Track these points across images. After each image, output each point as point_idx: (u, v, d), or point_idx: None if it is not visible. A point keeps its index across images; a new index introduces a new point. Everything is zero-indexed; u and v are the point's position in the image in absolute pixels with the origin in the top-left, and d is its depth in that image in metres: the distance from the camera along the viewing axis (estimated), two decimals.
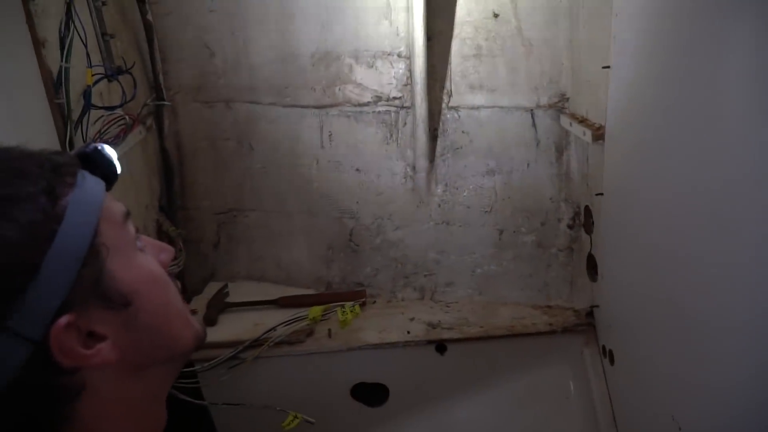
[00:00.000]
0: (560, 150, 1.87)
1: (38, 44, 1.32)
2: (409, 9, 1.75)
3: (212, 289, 2.02)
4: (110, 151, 0.63)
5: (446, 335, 1.84)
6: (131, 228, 0.61)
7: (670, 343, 1.30)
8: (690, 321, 1.20)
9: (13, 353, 0.47)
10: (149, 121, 1.86)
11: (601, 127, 1.54)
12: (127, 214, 0.62)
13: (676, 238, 1.23)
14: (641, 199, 1.38)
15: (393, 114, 1.92)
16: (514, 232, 1.95)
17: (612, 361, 1.66)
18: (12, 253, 0.49)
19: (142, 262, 0.61)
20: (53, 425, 0.52)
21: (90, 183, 0.57)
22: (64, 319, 0.50)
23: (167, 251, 0.67)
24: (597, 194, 1.63)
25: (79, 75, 1.43)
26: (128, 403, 0.59)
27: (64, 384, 0.52)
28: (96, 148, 0.62)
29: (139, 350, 0.58)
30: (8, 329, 0.47)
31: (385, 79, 1.88)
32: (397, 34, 1.83)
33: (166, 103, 1.88)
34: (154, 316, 0.60)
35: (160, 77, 1.86)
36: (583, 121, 1.66)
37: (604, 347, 1.72)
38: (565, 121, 1.77)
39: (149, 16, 1.78)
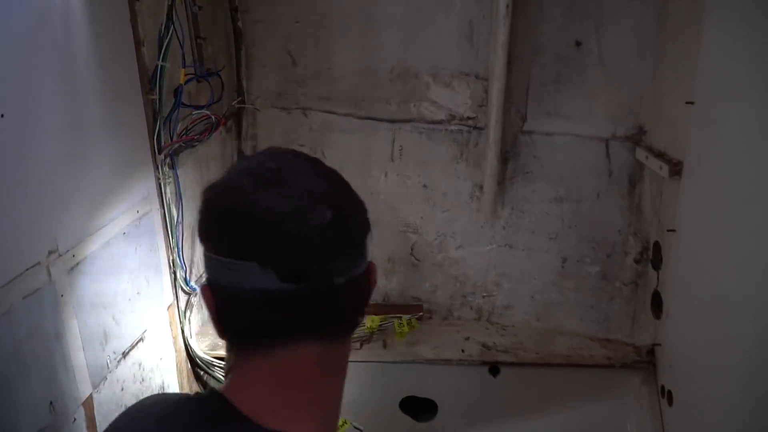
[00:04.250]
0: (633, 183, 1.84)
1: (139, 42, 1.40)
2: (492, 32, 1.77)
3: None
4: None
5: (501, 358, 1.83)
6: None
7: (734, 389, 1.26)
8: (759, 368, 1.16)
9: (361, 263, 0.65)
10: (229, 123, 1.94)
11: (679, 163, 1.52)
12: None
13: (750, 281, 1.19)
14: (716, 239, 1.35)
15: (465, 134, 1.93)
16: (578, 261, 1.93)
17: (671, 402, 1.61)
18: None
19: None
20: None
21: None
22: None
23: None
24: (669, 230, 1.60)
25: (172, 74, 1.51)
26: None
27: None
28: None
29: None
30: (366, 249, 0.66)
31: (460, 98, 1.90)
32: (477, 56, 1.85)
33: (248, 106, 1.95)
34: None
35: (244, 81, 1.94)
36: (660, 155, 1.63)
37: (663, 387, 1.68)
38: (641, 153, 1.75)
39: (240, 23, 1.87)
